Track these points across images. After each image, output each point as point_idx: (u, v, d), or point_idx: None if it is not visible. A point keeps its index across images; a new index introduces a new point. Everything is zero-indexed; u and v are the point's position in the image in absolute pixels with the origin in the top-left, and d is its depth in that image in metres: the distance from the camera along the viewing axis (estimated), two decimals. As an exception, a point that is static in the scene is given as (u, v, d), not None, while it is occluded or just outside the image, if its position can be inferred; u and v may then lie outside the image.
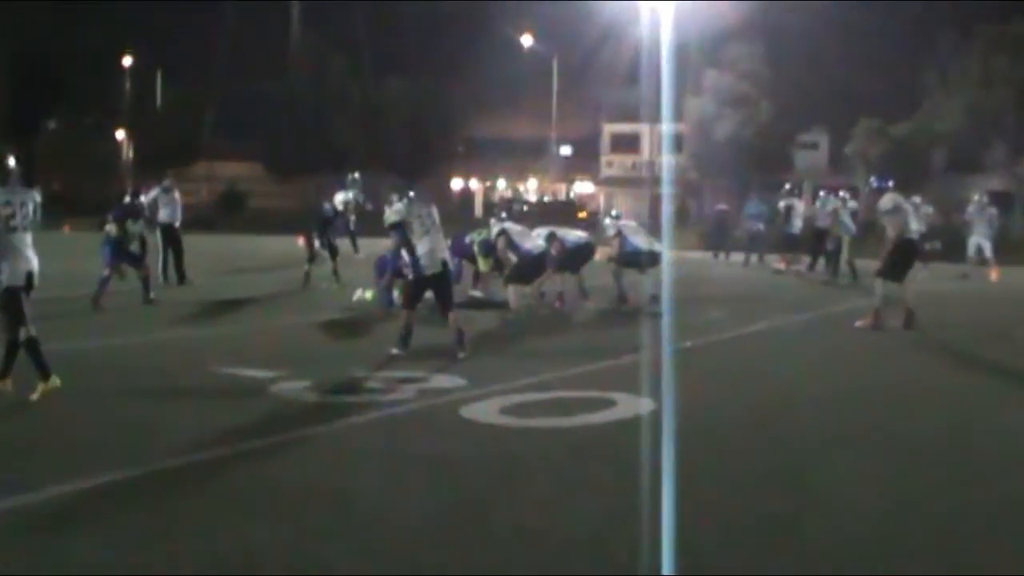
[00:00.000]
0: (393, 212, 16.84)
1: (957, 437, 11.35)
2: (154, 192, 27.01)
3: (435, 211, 16.35)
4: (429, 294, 16.26)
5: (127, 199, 23.29)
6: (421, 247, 15.59)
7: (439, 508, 8.41)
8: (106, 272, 21.31)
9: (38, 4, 79.33)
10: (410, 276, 16.00)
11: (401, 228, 15.92)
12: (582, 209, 78.67)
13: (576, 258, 22.71)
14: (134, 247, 22.31)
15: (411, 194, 17.09)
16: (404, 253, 15.99)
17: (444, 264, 15.75)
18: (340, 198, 28.38)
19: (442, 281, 15.74)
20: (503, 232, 21.79)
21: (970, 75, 59.54)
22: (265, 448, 10.12)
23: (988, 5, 60.41)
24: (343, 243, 28.61)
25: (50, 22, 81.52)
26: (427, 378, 13.45)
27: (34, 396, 11.59)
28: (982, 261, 33.38)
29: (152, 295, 22.04)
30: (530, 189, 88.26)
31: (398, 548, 7.46)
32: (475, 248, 22.59)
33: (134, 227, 22.30)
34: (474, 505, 8.53)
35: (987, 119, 59.20)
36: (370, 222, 29.03)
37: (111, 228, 21.63)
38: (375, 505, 8.46)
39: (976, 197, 36.36)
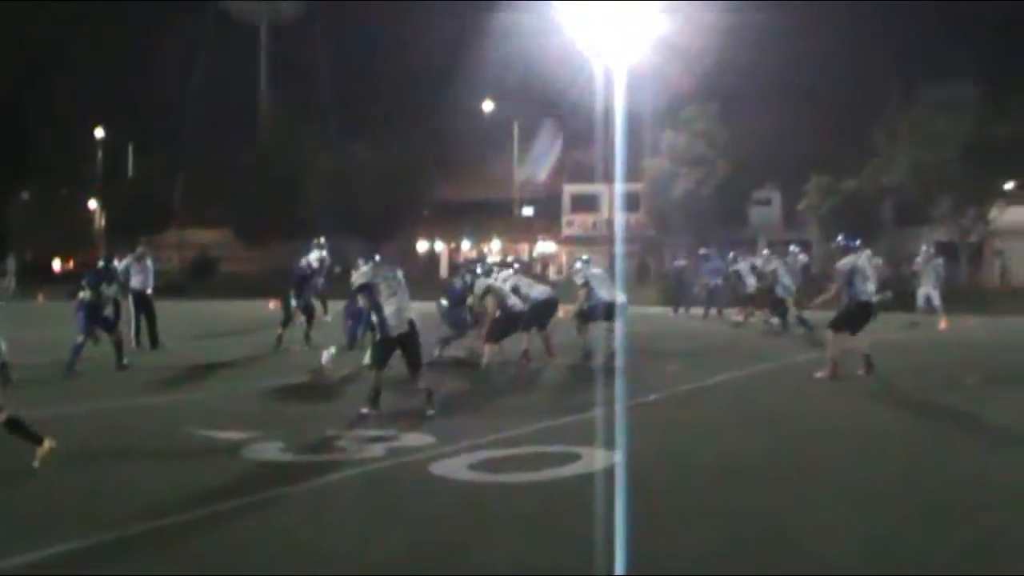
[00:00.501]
0: (360, 275, 16.93)
1: (916, 478, 11.43)
2: (127, 260, 27.02)
3: (401, 273, 16.41)
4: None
5: (100, 264, 23.25)
6: (388, 308, 15.61)
7: (411, 560, 8.43)
8: (80, 339, 21.06)
9: (10, 77, 79.38)
10: (378, 337, 15.97)
11: (368, 290, 15.97)
12: (545, 268, 79.29)
13: (542, 313, 22.75)
14: (108, 311, 22.19)
15: (377, 258, 17.21)
16: (372, 315, 16.02)
17: (411, 324, 15.72)
18: (315, 255, 28.46)
19: (409, 341, 15.71)
20: (489, 290, 21.85)
21: (914, 134, 60.06)
22: (241, 507, 10.09)
23: (930, 69, 61.17)
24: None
25: (22, 95, 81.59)
26: (397, 436, 13.42)
27: (35, 463, 11.47)
28: (931, 310, 33.62)
29: (125, 361, 21.82)
30: (493, 250, 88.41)
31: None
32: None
33: (108, 291, 22.16)
34: (445, 557, 8.55)
35: (931, 174, 59.71)
36: (338, 284, 29.02)
37: (85, 293, 21.40)
38: (348, 560, 8.47)
39: (923, 248, 36.69)
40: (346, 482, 11.22)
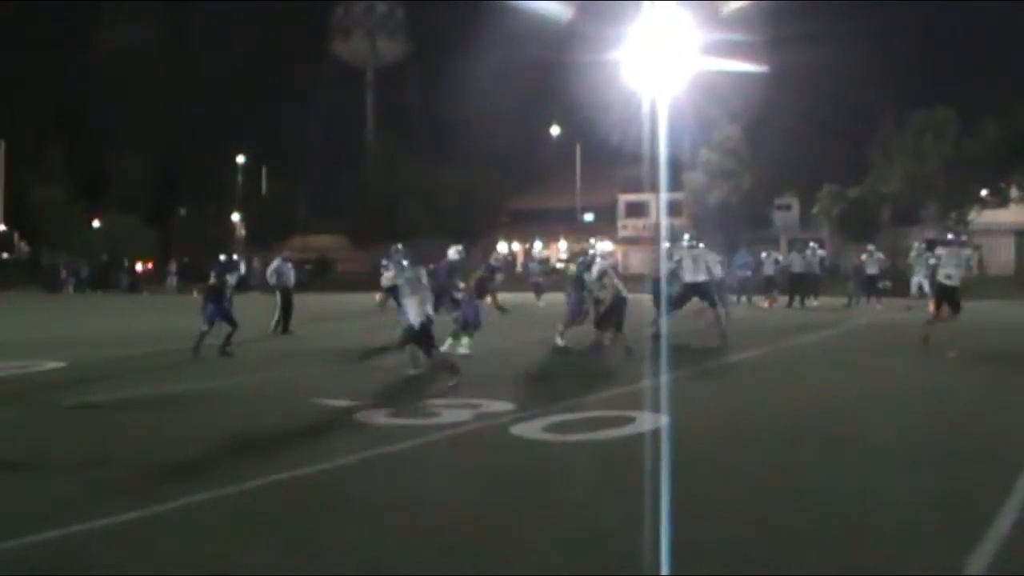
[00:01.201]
0: (387, 278, 17.23)
1: (912, 439, 11.20)
2: (276, 261, 27.21)
3: (424, 273, 16.30)
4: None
5: (222, 257, 23.19)
6: (411, 304, 15.64)
7: (494, 508, 8.37)
8: (205, 327, 20.50)
9: (170, 117, 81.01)
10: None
11: (394, 289, 16.97)
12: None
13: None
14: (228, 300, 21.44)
15: (405, 263, 17.49)
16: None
17: (428, 317, 15.60)
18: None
19: (425, 331, 15.58)
20: (605, 273, 20.45)
21: (906, 149, 59.92)
22: (355, 463, 10.04)
23: (919, 95, 61.02)
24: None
25: (178, 130, 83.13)
26: (483, 404, 13.29)
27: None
28: (922, 296, 33.34)
29: (228, 349, 20.68)
30: (561, 250, 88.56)
31: (462, 539, 7.41)
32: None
33: (231, 279, 21.74)
34: (524, 504, 8.46)
35: (920, 183, 59.57)
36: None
37: (213, 280, 21.24)
38: (445, 507, 8.39)
39: (916, 245, 36.50)
40: (440, 442, 11.13)
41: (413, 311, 15.52)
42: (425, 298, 15.81)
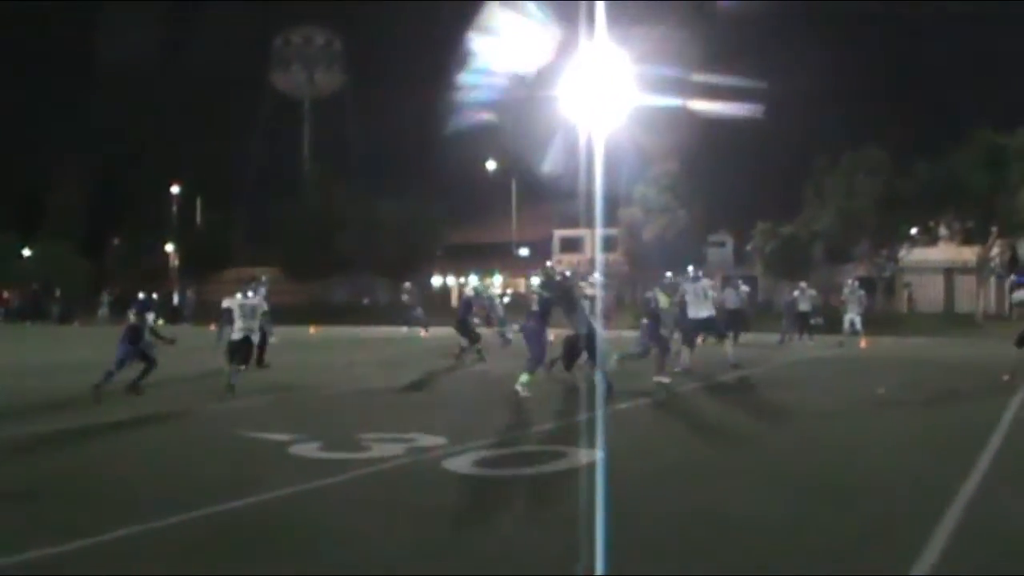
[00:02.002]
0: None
1: (842, 471, 11.30)
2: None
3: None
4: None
5: (141, 295, 22.84)
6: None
7: (424, 542, 8.37)
8: (114, 368, 19.04)
9: (104, 150, 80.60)
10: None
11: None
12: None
13: None
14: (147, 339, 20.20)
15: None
16: None
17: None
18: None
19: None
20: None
21: (838, 188, 60.69)
22: (286, 497, 10.01)
23: (852, 134, 61.95)
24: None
25: (113, 162, 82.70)
26: (415, 438, 13.26)
27: None
28: (854, 333, 33.83)
29: (140, 385, 19.46)
30: (495, 284, 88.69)
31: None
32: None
33: (150, 318, 20.54)
34: (452, 539, 8.50)
35: (852, 221, 60.30)
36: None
37: (133, 319, 20.48)
38: (373, 541, 8.40)
39: (848, 282, 37.01)
40: (371, 476, 11.09)
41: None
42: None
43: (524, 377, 18.53)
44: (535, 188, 75.44)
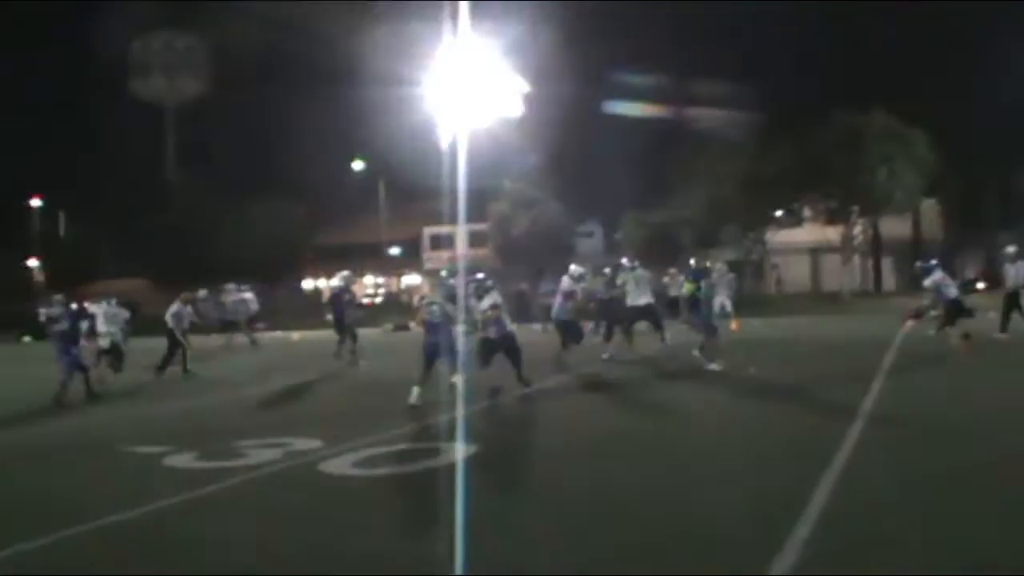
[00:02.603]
0: None
1: (718, 450, 11.52)
2: (175, 306, 27.59)
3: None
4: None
5: (74, 305, 23.09)
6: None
7: (302, 545, 8.39)
8: (65, 377, 20.48)
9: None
10: None
11: None
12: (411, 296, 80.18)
13: None
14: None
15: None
16: None
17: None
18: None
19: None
20: (496, 306, 18.90)
21: (706, 175, 61.40)
22: (164, 509, 9.95)
23: (717, 122, 62.57)
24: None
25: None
26: (291, 442, 13.22)
27: None
28: (725, 315, 34.20)
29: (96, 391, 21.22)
30: (366, 284, 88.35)
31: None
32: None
33: (83, 326, 22.67)
34: (329, 541, 8.49)
35: (719, 207, 61.10)
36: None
37: (66, 328, 21.26)
38: (254, 548, 8.43)
39: (718, 266, 37.32)
40: (249, 483, 11.07)
41: None
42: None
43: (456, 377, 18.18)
44: (403, 187, 75.29)
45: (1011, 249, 26.49)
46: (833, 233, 63.41)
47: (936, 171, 59.32)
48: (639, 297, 24.99)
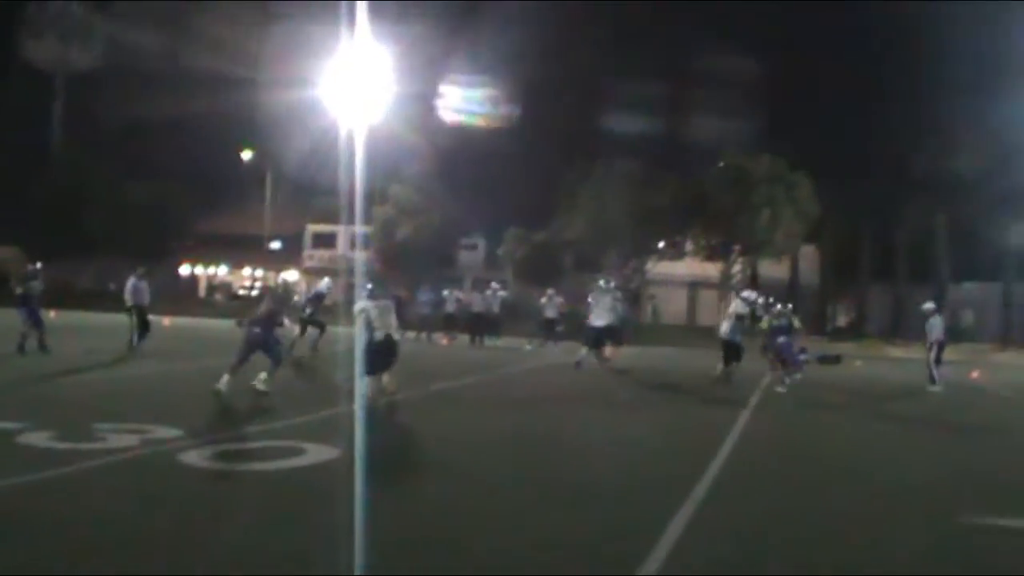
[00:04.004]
0: None
1: (582, 472, 11.48)
2: (131, 280, 27.10)
3: None
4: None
5: (29, 267, 23.75)
6: None
7: (155, 534, 8.20)
8: (24, 328, 23.06)
9: None
10: None
11: None
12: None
13: None
14: None
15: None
16: None
17: None
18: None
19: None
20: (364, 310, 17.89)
21: (591, 198, 61.77)
22: (12, 487, 9.65)
23: (605, 145, 63.16)
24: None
25: None
26: (151, 429, 12.91)
27: None
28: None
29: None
30: (244, 276, 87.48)
31: (118, 567, 7.25)
32: None
33: (38, 285, 24.54)
34: (179, 532, 8.33)
35: (603, 231, 61.52)
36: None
37: (21, 288, 23.70)
38: (104, 532, 8.17)
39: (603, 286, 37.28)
40: (104, 467, 10.76)
41: None
42: None
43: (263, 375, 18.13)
44: (291, 181, 74.58)
45: (929, 305, 27.48)
46: (712, 269, 64.19)
47: (817, 218, 60.57)
48: (599, 318, 27.00)
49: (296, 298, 28.61)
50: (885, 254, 67.01)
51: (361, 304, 18.20)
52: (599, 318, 27.11)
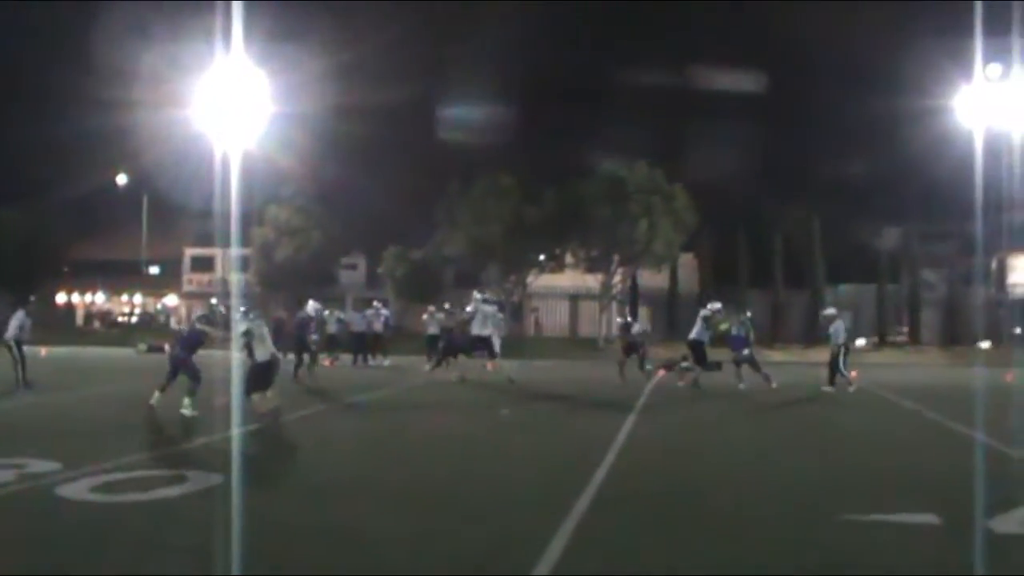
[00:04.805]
0: None
1: (466, 487, 11.49)
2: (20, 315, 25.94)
3: None
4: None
5: None
6: None
7: (38, 571, 8.05)
8: None
9: None
10: None
11: None
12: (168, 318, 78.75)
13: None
14: None
15: None
16: None
17: None
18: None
19: None
20: (248, 333, 18.15)
21: (469, 214, 61.92)
22: None
23: (485, 158, 63.45)
24: None
25: None
26: (27, 464, 12.62)
27: None
28: (492, 356, 34.33)
29: None
30: (122, 301, 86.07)
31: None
32: None
33: None
34: (65, 570, 8.12)
35: (482, 247, 61.72)
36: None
37: None
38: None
39: (484, 307, 37.08)
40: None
41: None
42: None
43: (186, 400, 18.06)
44: (168, 204, 73.53)
45: (831, 311, 28.63)
46: (593, 281, 64.59)
47: (694, 227, 61.38)
48: (483, 328, 28.53)
49: (180, 325, 28.53)
50: (762, 260, 68.18)
51: (245, 326, 18.15)
52: (480, 329, 28.29)
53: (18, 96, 73.54)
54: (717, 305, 29.66)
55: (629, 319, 35.84)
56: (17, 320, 25.67)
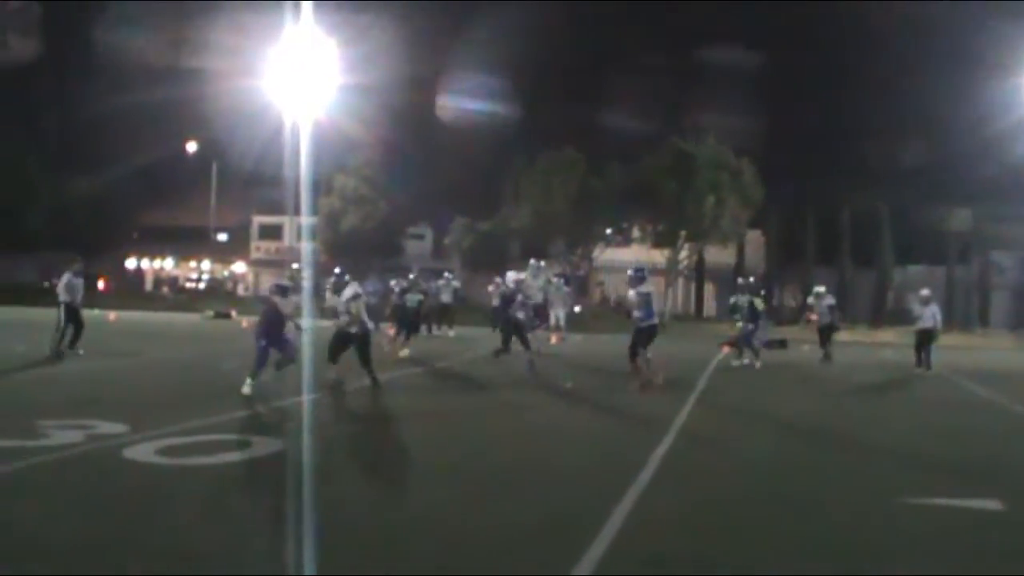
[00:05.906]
0: None
1: (524, 464, 11.52)
2: (66, 276, 25.12)
3: None
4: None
5: None
6: None
7: (101, 532, 8.13)
8: None
9: None
10: None
11: None
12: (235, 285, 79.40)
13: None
14: None
15: None
16: None
17: None
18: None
19: None
20: (357, 296, 18.65)
21: (535, 188, 61.94)
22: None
23: (549, 136, 63.50)
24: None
25: None
26: (95, 425, 12.80)
27: None
28: (559, 328, 34.38)
29: None
30: (191, 268, 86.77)
31: (66, 567, 7.21)
32: None
33: None
34: (124, 529, 8.24)
35: (548, 221, 61.70)
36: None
37: None
38: (50, 530, 8.08)
39: (553, 279, 37.13)
40: (48, 464, 10.66)
41: None
42: None
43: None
44: (236, 172, 74.01)
45: (925, 292, 28.28)
46: (659, 256, 64.40)
47: (761, 203, 60.97)
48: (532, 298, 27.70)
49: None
50: (829, 238, 67.53)
51: (352, 291, 18.42)
52: (532, 298, 27.58)
53: (90, 67, 74.17)
54: (820, 289, 30.70)
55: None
56: (63, 282, 24.79)
